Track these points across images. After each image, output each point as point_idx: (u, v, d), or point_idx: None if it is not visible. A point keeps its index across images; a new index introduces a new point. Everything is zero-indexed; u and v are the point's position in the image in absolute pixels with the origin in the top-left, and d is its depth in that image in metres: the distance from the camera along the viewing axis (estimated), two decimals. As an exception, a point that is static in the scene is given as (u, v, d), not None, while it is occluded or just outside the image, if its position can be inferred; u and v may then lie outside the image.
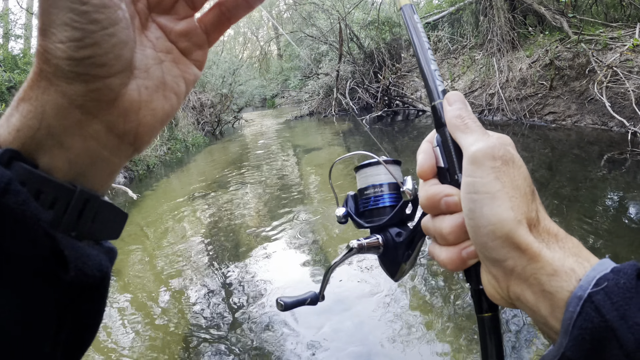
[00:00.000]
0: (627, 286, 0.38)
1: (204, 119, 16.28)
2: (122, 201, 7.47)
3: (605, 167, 5.86)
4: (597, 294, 0.38)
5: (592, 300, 0.38)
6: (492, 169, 0.46)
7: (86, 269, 0.37)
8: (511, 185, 0.46)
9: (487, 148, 0.47)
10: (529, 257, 0.43)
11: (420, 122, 12.67)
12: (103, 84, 0.37)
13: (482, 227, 0.45)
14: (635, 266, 0.40)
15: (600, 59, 7.93)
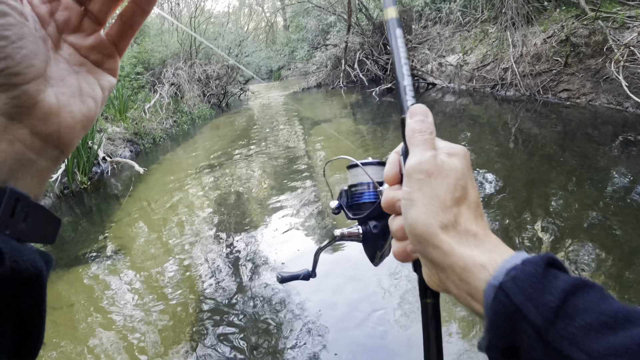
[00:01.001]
0: (532, 273, 0.45)
1: (210, 91, 16.13)
2: (127, 175, 7.39)
3: (618, 148, 5.72)
4: (507, 282, 0.46)
5: (502, 288, 0.46)
6: (417, 181, 0.55)
7: (21, 263, 0.39)
8: (430, 194, 0.54)
9: (415, 164, 0.56)
10: (442, 252, 0.52)
11: (430, 95, 12.50)
12: (21, 91, 0.41)
13: (406, 227, 0.56)
14: (546, 256, 0.47)
15: (618, 38, 7.70)
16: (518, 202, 4.48)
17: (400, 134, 0.63)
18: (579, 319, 0.42)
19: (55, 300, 3.73)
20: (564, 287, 0.44)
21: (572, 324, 0.42)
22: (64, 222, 5.62)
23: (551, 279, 0.45)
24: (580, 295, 0.44)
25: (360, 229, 0.79)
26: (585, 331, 0.41)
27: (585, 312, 0.42)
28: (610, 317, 0.41)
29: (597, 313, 0.42)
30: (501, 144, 6.73)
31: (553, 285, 0.44)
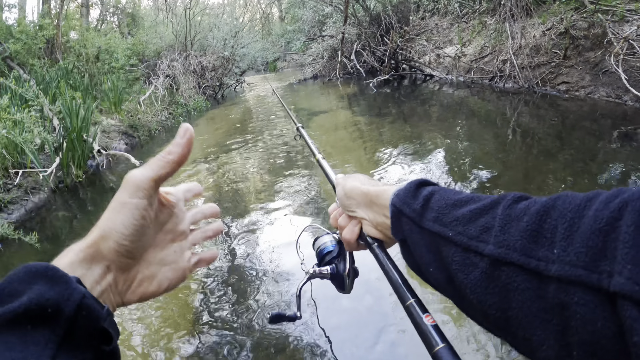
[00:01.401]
0: (407, 189, 0.70)
1: (206, 83, 16.02)
2: (123, 168, 7.32)
3: (617, 141, 5.68)
4: (394, 197, 0.71)
5: (393, 203, 0.70)
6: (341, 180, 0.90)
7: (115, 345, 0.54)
8: (351, 179, 0.87)
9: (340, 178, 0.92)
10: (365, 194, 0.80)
11: (428, 86, 12.44)
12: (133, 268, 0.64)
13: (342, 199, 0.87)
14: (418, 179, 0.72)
15: (617, 31, 7.65)
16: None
17: (397, 131, 1.46)
18: (435, 207, 0.63)
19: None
20: (425, 194, 0.67)
21: (432, 212, 0.63)
22: (59, 217, 5.55)
23: (421, 191, 0.68)
24: (438, 194, 0.66)
25: (328, 269, 1.02)
26: (439, 212, 0.62)
27: (439, 202, 0.63)
28: (456, 201, 0.62)
29: (447, 200, 0.63)
30: (499, 136, 6.68)
31: (420, 194, 0.67)
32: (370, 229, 0.81)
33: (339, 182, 0.90)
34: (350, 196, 0.84)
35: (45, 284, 0.48)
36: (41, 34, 12.14)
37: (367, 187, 0.80)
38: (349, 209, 0.85)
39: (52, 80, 9.88)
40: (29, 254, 4.44)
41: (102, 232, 0.60)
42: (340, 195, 0.88)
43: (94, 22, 19.29)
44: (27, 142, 5.81)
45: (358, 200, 0.82)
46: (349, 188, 0.84)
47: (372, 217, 0.79)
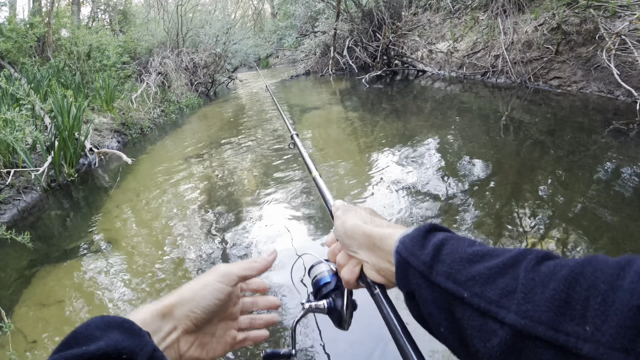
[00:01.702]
0: (414, 236, 0.65)
1: (198, 80, 15.97)
2: (115, 166, 7.29)
3: (609, 136, 5.71)
4: (399, 245, 0.66)
5: (397, 251, 0.66)
6: (341, 214, 0.84)
7: None
8: (351, 214, 0.82)
9: (339, 211, 0.87)
10: (368, 235, 0.74)
11: (420, 82, 12.45)
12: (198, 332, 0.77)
13: (342, 237, 0.81)
14: (428, 224, 0.67)
15: (609, 27, 7.67)
16: (508, 189, 4.46)
17: (389, 127, 1.03)
18: (447, 260, 0.58)
19: (45, 297, 3.65)
20: (436, 242, 0.62)
21: (444, 265, 0.58)
22: (51, 216, 5.52)
23: (430, 238, 0.64)
24: (449, 244, 0.61)
25: (325, 303, 0.96)
26: (452, 267, 0.57)
27: (451, 254, 0.59)
28: (471, 254, 0.57)
29: (461, 254, 0.58)
30: (491, 131, 6.70)
31: (429, 242, 0.63)
32: (372, 272, 0.76)
33: (339, 215, 0.85)
34: (351, 236, 0.78)
35: (122, 334, 0.59)
36: (32, 32, 12.07)
37: (370, 227, 0.75)
38: (350, 249, 0.79)
39: (43, 78, 9.81)
40: (21, 254, 4.42)
41: (180, 298, 0.74)
42: (339, 232, 0.82)
43: (85, 19, 19.18)
44: (19, 141, 5.77)
45: (360, 242, 0.76)
46: (349, 227, 0.78)
47: (375, 262, 0.74)
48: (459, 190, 4.62)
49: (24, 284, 3.90)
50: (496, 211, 4.04)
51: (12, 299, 3.66)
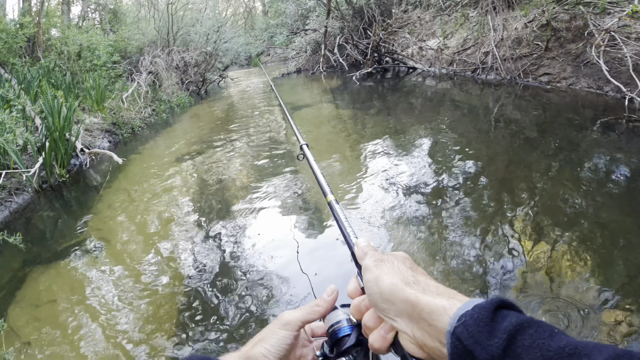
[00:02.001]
0: (480, 318, 0.51)
1: (189, 79, 15.93)
2: (107, 166, 7.28)
3: (599, 132, 5.77)
4: (458, 327, 0.52)
5: (455, 333, 0.52)
6: (374, 266, 0.70)
7: None
8: (387, 269, 0.68)
9: (372, 259, 0.72)
10: (411, 304, 0.60)
11: (411, 79, 12.51)
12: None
13: (377, 299, 0.67)
14: (495, 300, 0.53)
15: (598, 23, 7.74)
16: (499, 185, 4.50)
17: (380, 123, 0.84)
18: (525, 356, 0.46)
19: (37, 297, 3.66)
20: (509, 328, 0.49)
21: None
22: (43, 217, 5.52)
23: (498, 321, 0.51)
24: (527, 333, 0.48)
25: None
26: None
27: (531, 349, 0.47)
28: (556, 352, 0.45)
29: (543, 350, 0.46)
30: (482, 128, 6.75)
31: (499, 327, 0.50)
32: (412, 346, 0.62)
33: (370, 268, 0.71)
34: (387, 299, 0.64)
35: None
36: (22, 32, 12.00)
37: (415, 294, 0.61)
38: (385, 313, 0.66)
39: (33, 79, 9.77)
40: (14, 255, 4.42)
41: (255, 345, 0.79)
42: (372, 291, 0.68)
43: (75, 19, 19.07)
44: (10, 143, 5.76)
45: (399, 309, 0.63)
46: (387, 288, 0.65)
47: (419, 337, 0.60)
48: (449, 185, 4.66)
49: (17, 285, 3.91)
50: (487, 207, 4.08)
51: (6, 300, 3.66)
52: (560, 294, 2.76)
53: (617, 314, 2.55)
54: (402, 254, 0.74)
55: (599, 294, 2.72)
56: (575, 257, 3.13)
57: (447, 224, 3.85)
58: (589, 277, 2.90)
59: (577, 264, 3.06)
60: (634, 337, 2.37)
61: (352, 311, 0.78)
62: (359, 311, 0.75)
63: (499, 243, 3.47)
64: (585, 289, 2.78)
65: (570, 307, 2.62)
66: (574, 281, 2.88)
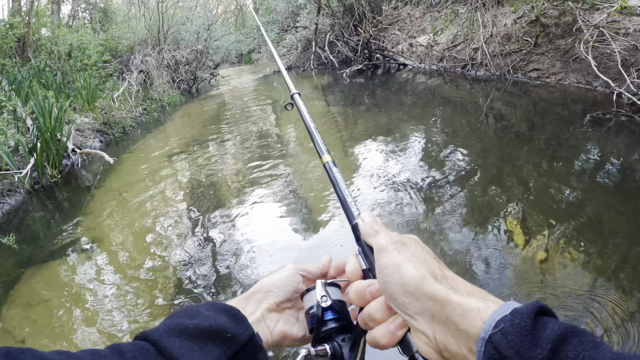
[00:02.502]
0: (521, 325, 0.46)
1: (180, 77, 15.91)
2: (98, 166, 7.29)
3: (588, 126, 5.84)
4: (495, 334, 0.46)
5: (491, 341, 0.46)
6: (394, 249, 0.61)
7: None
8: (411, 255, 0.60)
9: (388, 238, 0.64)
10: (440, 302, 0.53)
11: (402, 75, 12.54)
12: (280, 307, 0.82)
13: (396, 291, 0.58)
14: (534, 305, 0.48)
15: (587, 19, 7.80)
16: (490, 181, 4.55)
17: (371, 120, 0.83)
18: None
19: (32, 297, 3.68)
20: (552, 337, 0.44)
21: None
22: (36, 218, 5.53)
23: (540, 329, 0.46)
24: (570, 344, 0.44)
25: (327, 347, 0.72)
26: None
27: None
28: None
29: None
30: (472, 124, 6.80)
31: (541, 336, 0.45)
32: (427, 349, 0.55)
33: (387, 249, 0.63)
34: (412, 293, 0.56)
35: (228, 318, 0.68)
36: (12, 32, 11.95)
37: (446, 291, 0.54)
38: (403, 309, 0.58)
39: (24, 79, 9.75)
40: (7, 256, 4.43)
41: (257, 287, 0.81)
42: (391, 280, 0.59)
43: (65, 18, 19.00)
44: (1, 144, 5.76)
45: (424, 306, 0.55)
46: (413, 279, 0.57)
47: (441, 341, 0.53)
48: (441, 181, 4.70)
49: (10, 285, 3.92)
50: (478, 201, 4.13)
51: (0, 300, 3.68)
52: (554, 286, 2.81)
53: (610, 303, 2.60)
54: (415, 237, 0.65)
55: (591, 285, 2.78)
56: (567, 250, 3.18)
57: (439, 220, 3.90)
58: (581, 270, 2.95)
59: (568, 257, 3.11)
60: (627, 328, 2.42)
61: (353, 297, 0.68)
62: (361, 298, 0.66)
63: (491, 238, 3.51)
64: (577, 282, 2.83)
65: (566, 298, 2.68)
66: (566, 274, 2.94)
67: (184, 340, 0.62)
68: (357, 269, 0.71)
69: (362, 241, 0.71)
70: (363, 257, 0.71)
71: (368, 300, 0.65)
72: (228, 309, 0.70)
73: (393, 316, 0.60)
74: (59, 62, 12.60)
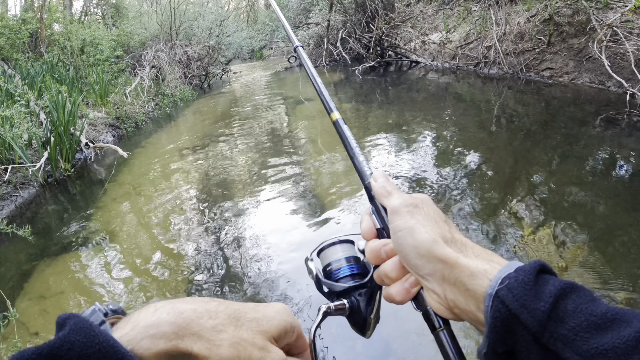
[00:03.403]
0: (525, 281, 0.49)
1: (192, 73, 15.94)
2: (111, 161, 7.33)
3: (600, 126, 5.80)
4: (501, 290, 0.49)
5: (498, 295, 0.49)
6: (406, 212, 0.63)
7: None
8: (423, 218, 0.62)
9: (401, 200, 0.65)
10: (450, 264, 0.56)
11: (414, 73, 12.51)
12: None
13: (409, 253, 0.60)
14: (537, 263, 0.51)
15: (601, 18, 7.73)
16: (501, 178, 4.54)
17: (383, 117, 0.78)
18: (569, 321, 0.45)
19: (45, 290, 3.71)
20: (554, 292, 0.47)
21: (563, 326, 0.45)
22: (49, 211, 5.57)
23: (542, 285, 0.49)
24: (570, 297, 0.47)
25: (345, 302, 0.74)
26: (576, 332, 0.45)
27: (575, 314, 0.46)
28: (599, 317, 0.45)
29: (587, 314, 0.45)
30: (484, 121, 6.77)
31: (544, 290, 0.48)
32: (439, 306, 0.60)
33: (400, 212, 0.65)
34: (424, 256, 0.59)
35: None
36: (25, 27, 12.01)
37: (455, 254, 0.57)
38: (416, 270, 0.61)
39: (37, 74, 9.81)
40: (21, 248, 4.48)
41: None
42: (405, 242, 0.62)
43: (77, 13, 19.10)
44: (17, 138, 5.81)
45: (435, 268, 0.58)
46: (425, 243, 0.59)
47: (452, 299, 0.57)
48: (452, 178, 4.69)
49: (24, 278, 3.96)
50: (489, 199, 4.11)
51: (13, 292, 3.72)
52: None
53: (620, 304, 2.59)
54: (426, 197, 0.67)
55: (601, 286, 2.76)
56: (578, 250, 3.17)
57: (449, 217, 3.88)
58: (591, 270, 2.93)
59: (579, 256, 3.10)
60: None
61: (369, 255, 0.70)
62: (377, 257, 0.68)
63: (501, 236, 3.50)
64: (587, 282, 2.82)
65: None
66: (577, 273, 2.92)
67: None
68: (372, 228, 0.72)
69: (376, 201, 0.73)
70: (377, 217, 0.73)
71: (383, 259, 0.67)
72: None
73: (407, 275, 0.64)
74: (71, 57, 12.65)
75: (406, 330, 2.65)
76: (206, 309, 0.53)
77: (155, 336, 0.48)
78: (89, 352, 0.42)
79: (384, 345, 2.61)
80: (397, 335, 2.64)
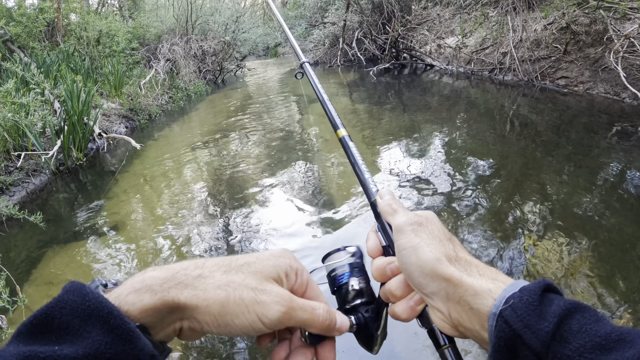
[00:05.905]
0: (529, 301, 0.49)
1: (206, 67, 15.98)
2: (123, 151, 7.37)
3: (614, 138, 5.75)
4: (506, 310, 0.50)
5: (502, 315, 0.50)
6: (411, 231, 0.64)
7: None
8: (428, 236, 0.62)
9: (406, 218, 0.66)
10: (454, 283, 0.57)
11: (428, 76, 12.46)
12: None
13: (414, 272, 0.61)
14: (541, 283, 0.52)
15: (618, 28, 7.67)
16: (512, 186, 4.52)
17: (395, 120, 0.79)
18: (573, 341, 0.46)
19: (53, 277, 3.75)
20: (558, 312, 0.48)
21: (567, 347, 0.46)
22: (59, 199, 5.62)
23: (546, 305, 0.49)
24: (574, 318, 0.48)
25: (353, 320, 0.71)
26: (580, 353, 0.45)
27: (579, 335, 0.46)
28: (604, 338, 0.45)
29: (591, 335, 0.45)
30: (497, 128, 6.75)
31: (548, 310, 0.49)
32: (444, 324, 0.61)
33: (405, 230, 0.65)
34: (428, 275, 0.60)
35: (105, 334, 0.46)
36: (42, 16, 12.08)
37: (459, 273, 0.58)
38: (421, 289, 0.62)
39: (52, 63, 9.87)
40: (30, 235, 4.51)
41: None
42: (409, 261, 0.62)
43: (94, 4, 19.20)
44: (32, 125, 5.86)
45: (439, 287, 0.59)
46: (429, 262, 0.60)
47: (456, 318, 0.58)
48: (463, 184, 4.68)
49: (32, 264, 4.00)
50: (499, 207, 4.10)
51: (22, 278, 3.75)
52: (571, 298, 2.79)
53: (625, 321, 2.57)
54: (432, 215, 0.68)
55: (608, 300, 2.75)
56: (586, 263, 3.15)
57: (457, 225, 3.88)
58: (599, 284, 2.92)
59: (587, 269, 3.08)
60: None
61: (374, 273, 0.71)
62: (382, 274, 0.69)
63: (510, 244, 3.49)
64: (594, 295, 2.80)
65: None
66: (584, 286, 2.91)
67: None
68: (377, 245, 0.73)
69: (382, 219, 0.74)
70: (382, 234, 0.74)
71: (389, 277, 0.68)
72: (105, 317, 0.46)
73: (412, 292, 0.65)
74: (87, 48, 12.72)
75: (413, 346, 2.64)
76: (194, 262, 0.55)
77: (141, 290, 0.50)
78: (79, 309, 0.46)
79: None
80: (404, 351, 2.64)
